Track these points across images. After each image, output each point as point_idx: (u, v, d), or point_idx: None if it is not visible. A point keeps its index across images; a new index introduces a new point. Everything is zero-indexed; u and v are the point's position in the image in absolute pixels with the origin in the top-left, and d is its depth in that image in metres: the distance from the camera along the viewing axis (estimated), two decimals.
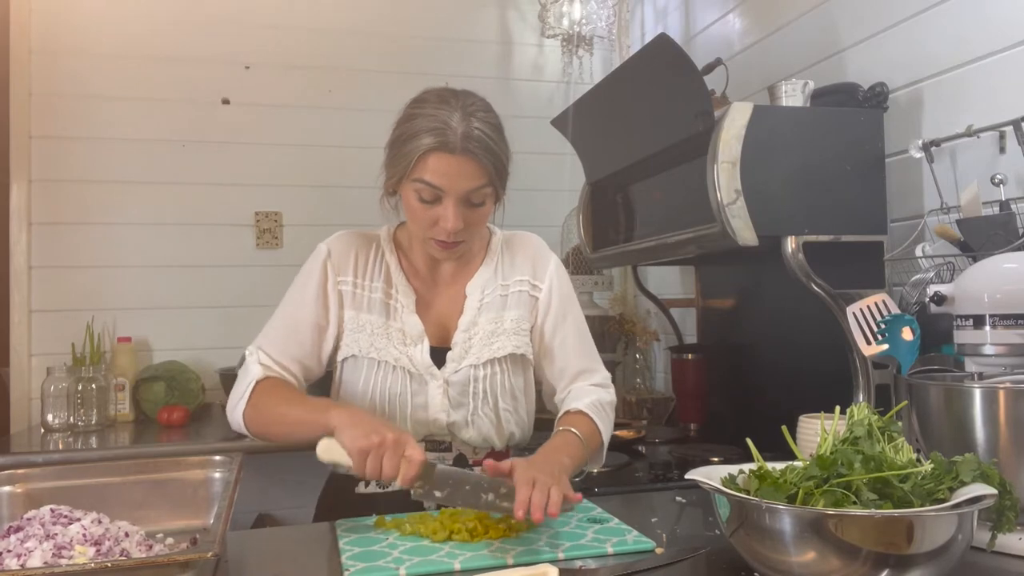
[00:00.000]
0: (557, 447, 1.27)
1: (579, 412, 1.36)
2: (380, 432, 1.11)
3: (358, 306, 1.38)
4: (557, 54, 3.14)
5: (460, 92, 1.31)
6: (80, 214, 2.72)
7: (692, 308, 2.53)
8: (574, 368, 1.44)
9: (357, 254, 1.41)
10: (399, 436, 1.12)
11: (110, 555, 0.95)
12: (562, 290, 1.44)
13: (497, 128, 1.30)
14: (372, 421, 1.15)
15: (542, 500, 1.05)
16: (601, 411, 1.38)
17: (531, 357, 1.43)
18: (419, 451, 1.12)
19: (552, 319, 1.43)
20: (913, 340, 1.20)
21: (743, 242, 1.59)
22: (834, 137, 1.67)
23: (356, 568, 1.01)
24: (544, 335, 1.43)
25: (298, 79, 2.94)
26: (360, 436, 1.11)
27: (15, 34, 2.64)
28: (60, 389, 2.37)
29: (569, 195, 2.77)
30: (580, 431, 1.31)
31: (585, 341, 1.46)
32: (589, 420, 1.35)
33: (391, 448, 1.10)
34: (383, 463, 1.10)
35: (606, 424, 1.38)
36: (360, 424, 1.13)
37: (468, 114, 1.25)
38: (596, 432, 1.35)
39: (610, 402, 1.43)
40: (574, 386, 1.43)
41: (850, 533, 0.82)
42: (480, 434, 1.38)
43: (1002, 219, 1.38)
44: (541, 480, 1.08)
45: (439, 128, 1.23)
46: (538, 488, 1.07)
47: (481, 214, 1.31)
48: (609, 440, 1.40)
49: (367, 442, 1.10)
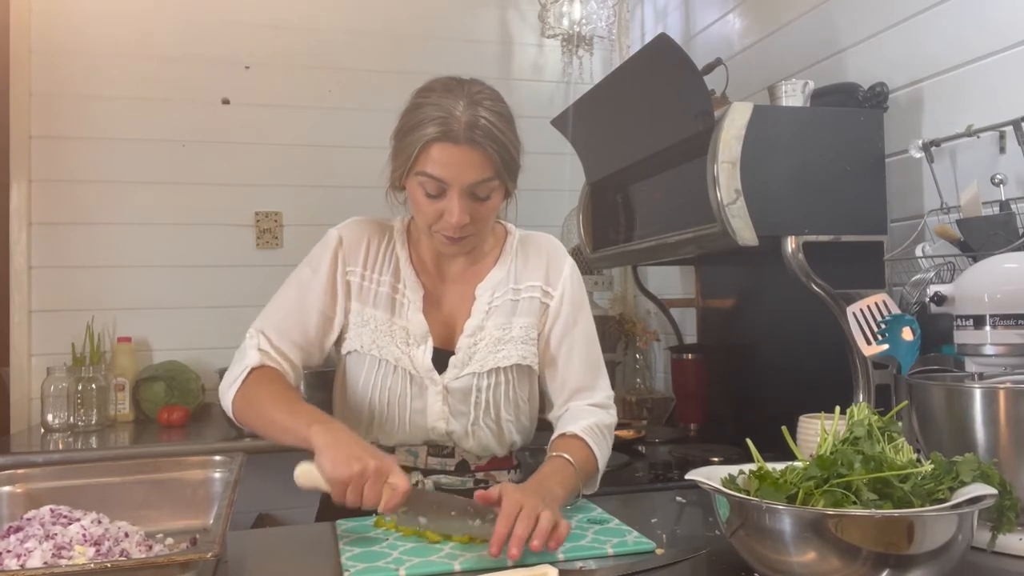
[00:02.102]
0: (549, 475, 1.19)
1: (574, 436, 1.27)
2: (362, 460, 1.05)
3: (364, 299, 1.34)
4: (557, 54, 3.13)
5: (467, 80, 1.26)
6: (80, 214, 2.72)
7: (692, 308, 2.53)
8: (574, 383, 1.37)
9: (368, 244, 1.36)
10: (381, 464, 1.06)
11: (110, 555, 0.95)
12: (575, 297, 1.38)
13: (505, 118, 1.23)
14: (353, 445, 1.08)
15: (524, 531, 1.00)
16: (598, 435, 1.30)
17: (537, 367, 1.37)
18: (403, 479, 1.07)
19: (560, 327, 1.36)
20: (913, 340, 1.20)
21: (743, 242, 1.59)
22: (834, 137, 1.66)
23: (356, 568, 1.01)
24: (550, 343, 1.37)
25: (298, 79, 2.94)
26: (341, 464, 1.05)
27: (15, 34, 2.64)
28: (60, 389, 2.37)
29: (569, 195, 2.77)
30: (574, 457, 1.23)
31: (591, 354, 1.39)
32: (584, 445, 1.27)
33: (373, 477, 1.05)
34: (365, 492, 1.05)
35: (603, 449, 1.30)
36: (341, 449, 1.07)
37: (474, 102, 1.19)
38: (591, 458, 1.27)
39: (609, 424, 1.34)
40: (572, 404, 1.36)
41: (850, 533, 0.82)
42: (480, 444, 1.34)
43: (1002, 219, 1.38)
44: (529, 505, 1.03)
45: (442, 117, 1.18)
46: (522, 517, 1.01)
47: (488, 208, 1.26)
48: (605, 464, 1.32)
49: (348, 471, 1.04)
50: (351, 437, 1.11)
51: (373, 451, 1.09)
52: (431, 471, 1.34)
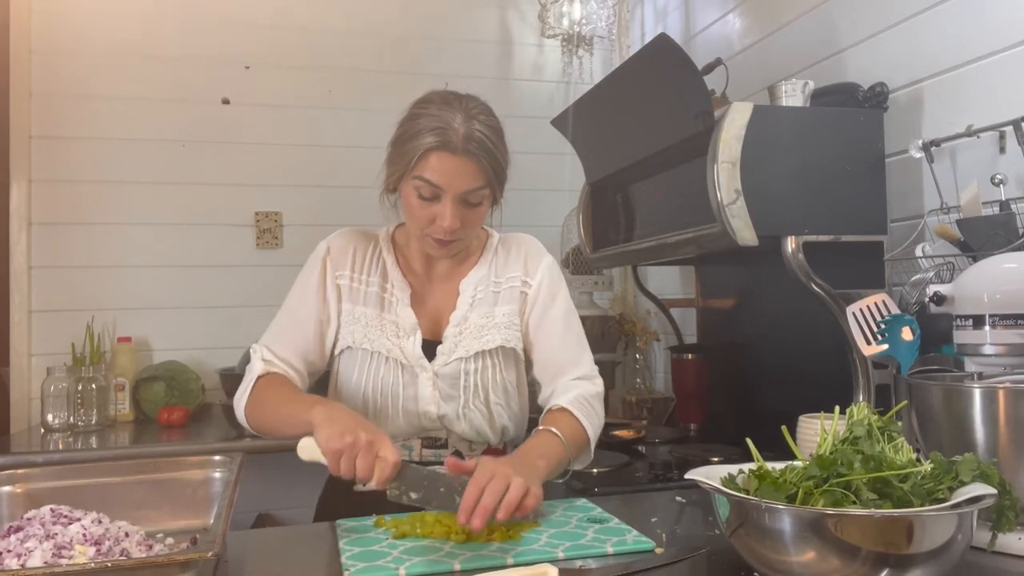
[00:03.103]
0: (531, 448, 1.25)
1: (561, 409, 1.34)
2: (354, 432, 1.10)
3: (354, 299, 1.41)
4: (557, 54, 3.14)
5: (463, 95, 1.34)
6: (80, 214, 2.72)
7: (692, 308, 2.53)
8: (557, 361, 1.42)
9: (355, 250, 1.45)
10: (373, 437, 1.11)
11: (110, 555, 0.95)
12: (552, 285, 1.45)
13: (498, 132, 1.32)
14: (348, 420, 1.14)
15: (491, 501, 1.03)
16: (585, 406, 1.35)
17: (521, 352, 1.44)
18: (393, 452, 1.11)
19: (539, 310, 1.43)
20: (913, 340, 1.20)
21: (743, 242, 1.59)
22: (834, 137, 1.66)
23: (356, 568, 1.01)
24: (530, 327, 1.44)
25: (298, 79, 2.94)
26: (334, 436, 1.10)
27: (15, 34, 2.64)
28: (60, 389, 2.37)
29: (569, 195, 2.77)
30: (561, 430, 1.29)
31: (571, 332, 1.45)
32: (571, 417, 1.33)
33: (364, 449, 1.10)
34: (356, 463, 1.10)
35: (591, 419, 1.35)
36: (336, 423, 1.13)
37: (470, 116, 1.28)
38: (579, 429, 1.33)
39: (596, 394, 1.40)
40: (558, 382, 1.41)
41: (850, 533, 0.82)
42: (472, 427, 1.39)
43: (1002, 219, 1.38)
44: (500, 474, 1.06)
45: (441, 128, 1.26)
46: (490, 488, 1.04)
47: (477, 214, 1.34)
48: (598, 434, 1.37)
49: (340, 442, 1.10)
50: (348, 413, 1.17)
51: (367, 425, 1.14)
52: (426, 463, 1.38)
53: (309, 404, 1.20)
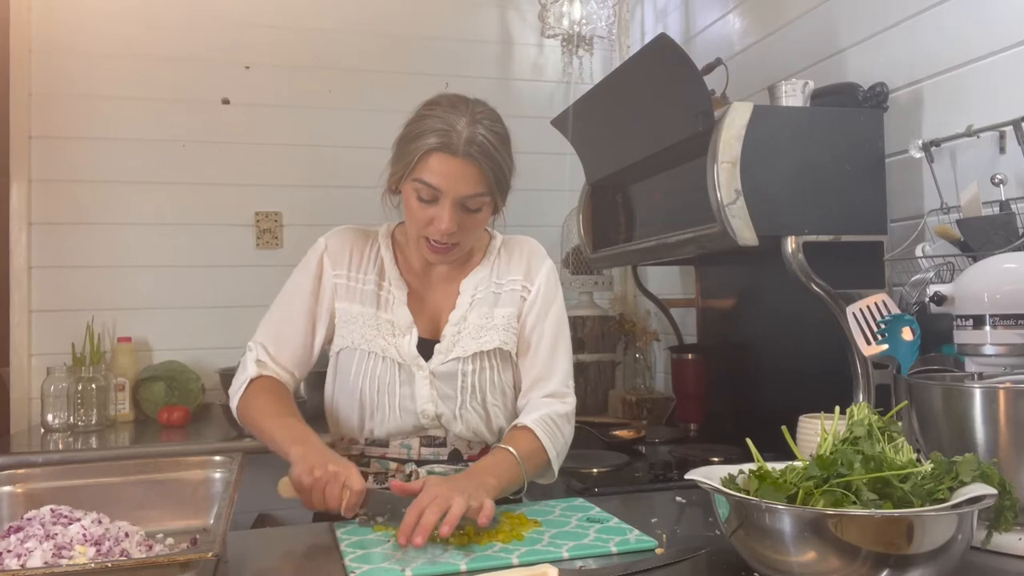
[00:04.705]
0: (485, 467, 1.25)
1: (523, 428, 1.33)
2: (323, 466, 1.15)
3: (351, 298, 1.42)
4: (557, 54, 3.13)
5: (472, 100, 1.34)
6: (80, 214, 2.72)
7: (692, 308, 2.53)
8: (535, 372, 1.42)
9: (352, 248, 1.45)
10: (339, 469, 1.15)
11: (110, 555, 0.95)
12: (548, 293, 1.45)
13: (503, 138, 1.32)
14: (318, 457, 1.17)
15: (431, 520, 1.06)
16: (550, 426, 1.35)
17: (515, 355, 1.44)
18: (359, 481, 1.15)
19: (533, 317, 1.43)
20: (913, 340, 1.20)
21: (743, 242, 1.59)
22: (834, 137, 1.66)
23: (361, 570, 1.01)
24: (523, 332, 1.43)
25: (298, 79, 2.94)
26: (304, 472, 1.15)
27: (15, 34, 2.64)
28: (60, 389, 2.37)
29: (569, 195, 2.76)
30: (519, 450, 1.28)
31: (557, 346, 1.43)
32: (533, 437, 1.32)
33: (331, 480, 1.14)
34: (324, 495, 1.14)
35: (555, 440, 1.34)
36: (307, 460, 1.16)
37: (475, 120, 1.28)
38: (539, 449, 1.32)
39: (564, 414, 1.38)
40: (529, 396, 1.41)
41: (850, 533, 0.82)
42: (469, 428, 1.39)
43: (1002, 219, 1.37)
44: (442, 496, 1.09)
45: (444, 130, 1.26)
46: (431, 508, 1.07)
47: (476, 220, 1.34)
48: (564, 452, 1.38)
49: (309, 479, 1.14)
50: (320, 450, 1.20)
51: (336, 459, 1.19)
52: (424, 461, 1.39)
53: (291, 438, 1.23)
